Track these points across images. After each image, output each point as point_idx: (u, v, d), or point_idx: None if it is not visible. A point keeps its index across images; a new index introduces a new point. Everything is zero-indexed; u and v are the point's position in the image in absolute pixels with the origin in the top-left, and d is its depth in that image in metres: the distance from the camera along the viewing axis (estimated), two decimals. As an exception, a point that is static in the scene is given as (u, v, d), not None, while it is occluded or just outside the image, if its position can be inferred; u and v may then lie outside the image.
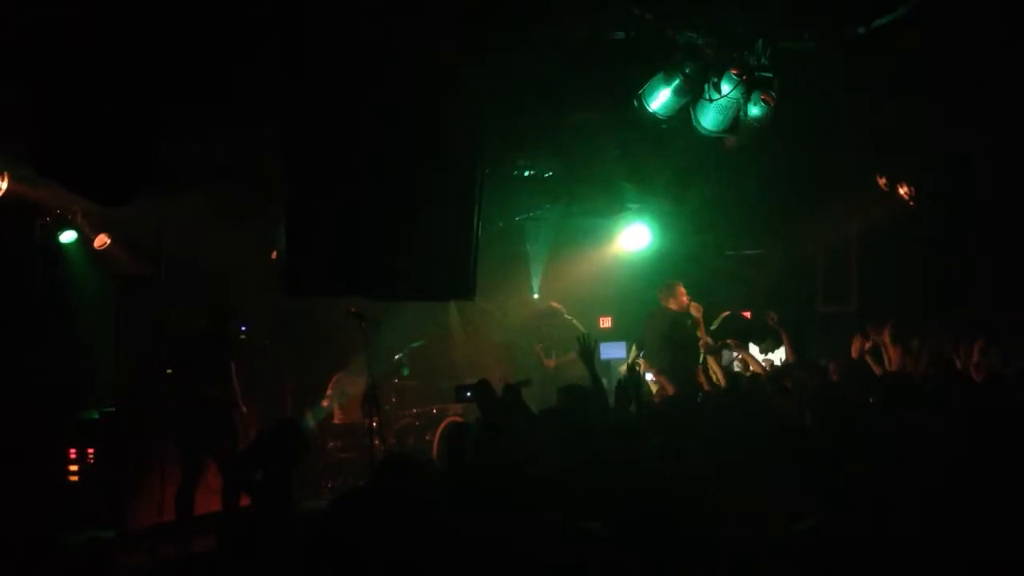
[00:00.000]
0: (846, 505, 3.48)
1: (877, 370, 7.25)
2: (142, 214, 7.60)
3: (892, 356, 7.30)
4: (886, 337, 7.41)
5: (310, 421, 9.57)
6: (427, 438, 9.88)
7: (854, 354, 7.91)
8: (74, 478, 7.64)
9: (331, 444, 9.71)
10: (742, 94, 5.90)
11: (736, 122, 6.24)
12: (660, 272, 10.23)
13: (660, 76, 6.08)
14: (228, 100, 6.25)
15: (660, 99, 6.14)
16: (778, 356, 9.46)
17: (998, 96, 6.70)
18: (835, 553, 3.20)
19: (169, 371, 7.84)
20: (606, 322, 11.69)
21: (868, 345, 7.78)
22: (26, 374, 7.55)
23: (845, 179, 8.92)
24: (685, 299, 9.04)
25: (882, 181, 8.65)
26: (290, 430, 4.86)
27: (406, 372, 7.77)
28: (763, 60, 5.80)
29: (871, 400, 5.49)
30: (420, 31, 5.79)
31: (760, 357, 9.13)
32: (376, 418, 7.87)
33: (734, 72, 5.77)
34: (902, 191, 8.58)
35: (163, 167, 6.03)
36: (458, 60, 6.12)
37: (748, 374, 8.01)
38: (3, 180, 6.84)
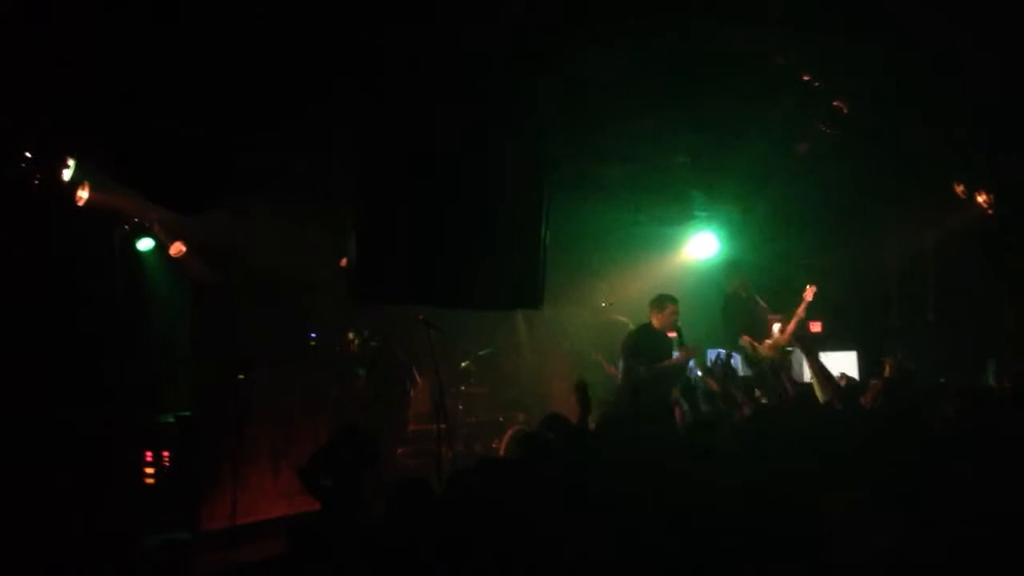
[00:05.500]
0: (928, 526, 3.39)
1: None
2: (217, 222, 7.74)
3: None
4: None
5: None
6: (494, 445, 9.90)
7: None
8: (150, 481, 7.78)
9: (400, 450, 9.78)
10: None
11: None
12: (728, 281, 10.09)
13: None
14: (304, 115, 6.36)
15: None
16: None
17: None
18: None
19: (240, 376, 7.98)
20: (672, 332, 11.57)
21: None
22: (105, 378, 7.73)
23: (920, 186, 8.71)
24: (669, 318, 8.75)
25: (959, 188, 8.43)
26: (359, 438, 4.90)
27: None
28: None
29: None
30: (490, 44, 5.83)
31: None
32: (444, 425, 7.91)
33: (805, 78, 5.71)
34: (980, 199, 8.35)
35: (238, 177, 6.16)
36: (530, 72, 6.13)
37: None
38: (85, 189, 7.01)
